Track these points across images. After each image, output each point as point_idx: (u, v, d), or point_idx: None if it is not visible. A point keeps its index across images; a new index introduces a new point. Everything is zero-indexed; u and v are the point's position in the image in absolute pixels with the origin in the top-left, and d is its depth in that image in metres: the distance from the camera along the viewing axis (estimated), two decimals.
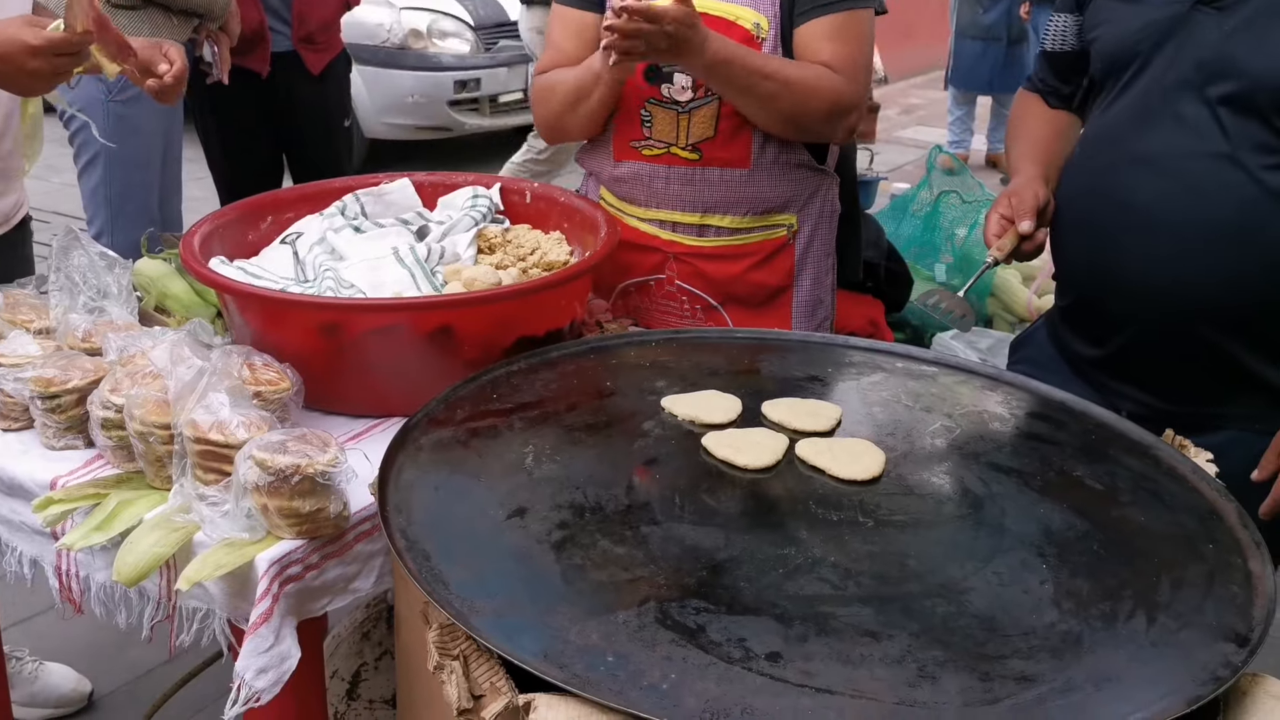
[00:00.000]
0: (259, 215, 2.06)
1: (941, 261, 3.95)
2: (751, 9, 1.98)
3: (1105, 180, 1.80)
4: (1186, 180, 1.72)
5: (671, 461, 1.47)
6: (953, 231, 4.06)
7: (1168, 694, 1.10)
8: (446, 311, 1.70)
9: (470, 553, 1.28)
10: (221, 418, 1.47)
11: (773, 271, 2.14)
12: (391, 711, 2.11)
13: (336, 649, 2.08)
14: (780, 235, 2.12)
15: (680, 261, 2.12)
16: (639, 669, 1.10)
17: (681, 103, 2.02)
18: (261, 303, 1.72)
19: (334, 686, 2.06)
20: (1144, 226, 1.74)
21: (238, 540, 1.42)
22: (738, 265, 2.12)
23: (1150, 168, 1.74)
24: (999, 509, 1.40)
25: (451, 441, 1.51)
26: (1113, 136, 1.81)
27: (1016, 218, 1.83)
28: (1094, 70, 1.89)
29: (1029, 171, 1.92)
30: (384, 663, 2.11)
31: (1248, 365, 1.76)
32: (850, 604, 1.21)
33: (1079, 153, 1.92)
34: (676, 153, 2.06)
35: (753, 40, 1.98)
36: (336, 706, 2.10)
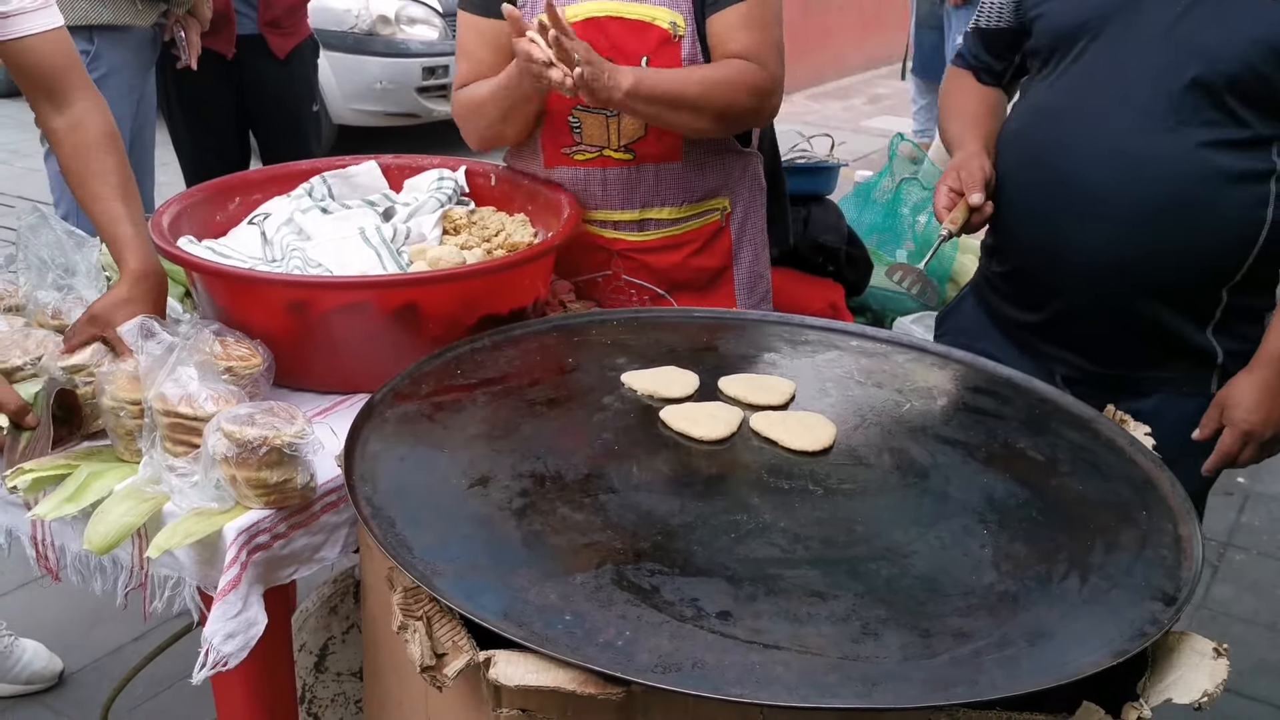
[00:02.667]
0: (227, 196, 2.09)
1: (903, 248, 4.00)
2: (668, 8, 1.98)
3: (1052, 153, 1.84)
4: (1134, 155, 1.75)
5: (630, 434, 1.52)
6: (914, 219, 4.12)
7: (1097, 649, 1.16)
8: (412, 289, 1.73)
9: (434, 519, 1.33)
10: (190, 391, 1.51)
11: (712, 254, 2.20)
12: (359, 683, 2.15)
13: (304, 623, 2.12)
14: (715, 219, 2.17)
15: (624, 257, 2.16)
16: (595, 627, 1.15)
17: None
18: (230, 280, 1.75)
19: (302, 659, 2.10)
20: (1090, 200, 1.79)
21: (207, 510, 1.45)
22: (679, 254, 2.17)
23: (1098, 142, 1.78)
24: (944, 478, 1.46)
25: (416, 415, 1.55)
26: (1058, 110, 1.84)
27: (966, 190, 1.86)
28: (1037, 45, 1.92)
29: (971, 146, 1.96)
30: (351, 636, 2.15)
31: (1181, 332, 1.84)
32: (798, 566, 1.26)
33: (1019, 126, 1.95)
34: (610, 155, 2.07)
35: (670, 40, 1.98)
36: (305, 679, 2.14)
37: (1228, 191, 1.73)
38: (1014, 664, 1.13)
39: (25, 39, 1.73)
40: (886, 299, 3.74)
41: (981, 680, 1.10)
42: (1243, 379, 1.79)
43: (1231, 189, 1.73)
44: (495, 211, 2.12)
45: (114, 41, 3.16)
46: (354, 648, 2.13)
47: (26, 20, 1.73)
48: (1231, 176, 1.72)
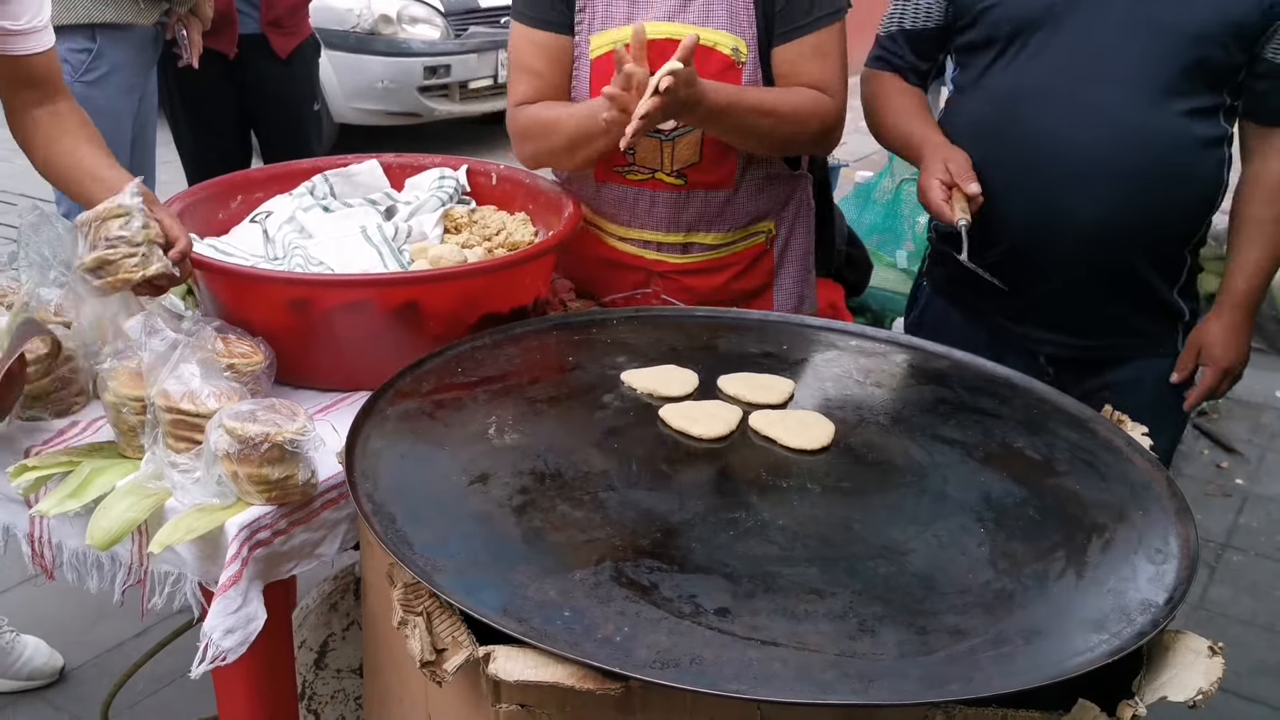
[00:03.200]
0: (229, 194, 2.10)
1: (903, 249, 4.02)
2: (730, 33, 1.95)
3: (1043, 133, 1.88)
4: (1126, 127, 1.85)
5: (629, 432, 1.53)
6: (914, 219, 4.14)
7: (1094, 647, 1.17)
8: (413, 288, 1.74)
9: (434, 516, 1.33)
10: (193, 388, 1.51)
11: (753, 277, 2.17)
12: (358, 680, 2.16)
13: (304, 620, 2.13)
14: (759, 242, 2.15)
15: (665, 278, 2.13)
16: (594, 623, 1.16)
17: (665, 131, 1.98)
18: (232, 278, 1.76)
19: (302, 656, 2.11)
20: (1087, 173, 1.86)
21: (208, 506, 1.46)
22: (721, 276, 2.14)
23: (1090, 117, 1.85)
24: (941, 477, 1.46)
25: (417, 412, 1.56)
26: (1039, 91, 1.88)
27: (962, 181, 1.86)
28: (989, 34, 1.93)
29: (937, 138, 1.97)
30: (351, 633, 2.15)
31: (1158, 294, 1.98)
32: (796, 564, 1.27)
33: (991, 111, 1.95)
34: (661, 178, 2.03)
35: (733, 66, 1.95)
36: (305, 675, 2.15)
37: (1202, 156, 1.89)
38: (1010, 661, 1.14)
39: (28, 56, 1.78)
40: (886, 299, 3.75)
41: (977, 677, 1.11)
42: (1213, 323, 2.01)
43: (1203, 154, 1.89)
44: (496, 211, 2.12)
45: (116, 40, 3.16)
46: (354, 645, 2.14)
47: (35, 38, 1.78)
48: (1203, 142, 1.88)
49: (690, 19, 1.94)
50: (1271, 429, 4.14)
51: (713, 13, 1.95)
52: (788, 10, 1.95)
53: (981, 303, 2.05)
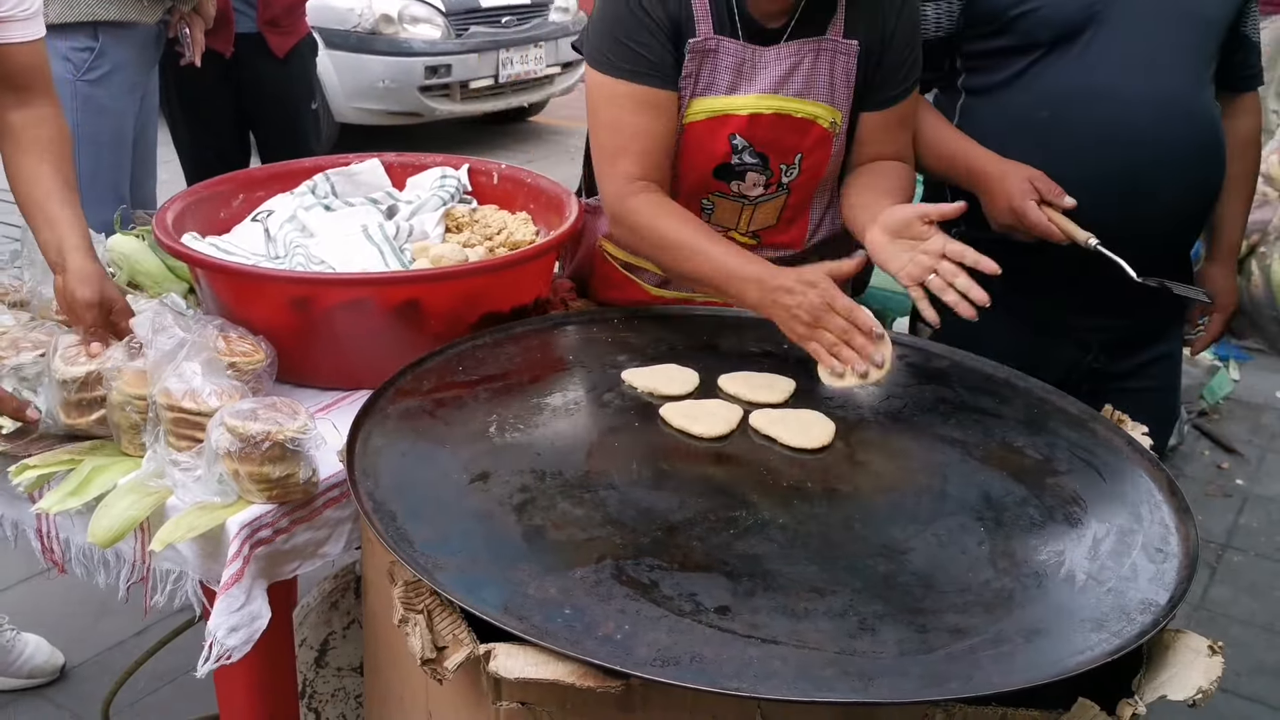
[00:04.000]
0: (231, 193, 2.10)
1: None
2: (830, 105, 1.88)
3: (1116, 128, 1.89)
4: (1190, 112, 1.93)
5: (630, 431, 1.53)
6: None
7: (1094, 645, 1.17)
8: (414, 286, 1.74)
9: (435, 514, 1.34)
10: (194, 386, 1.52)
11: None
12: (360, 678, 2.16)
13: (305, 618, 2.13)
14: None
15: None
16: (594, 621, 1.16)
17: (750, 197, 1.93)
18: (234, 277, 1.76)
19: (303, 654, 2.11)
20: (1165, 161, 1.90)
21: (210, 504, 1.46)
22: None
23: (1156, 107, 1.89)
24: (942, 476, 1.47)
25: (418, 411, 1.56)
26: (1102, 88, 1.89)
27: (1055, 197, 1.84)
28: (1028, 39, 1.92)
29: (994, 155, 1.92)
30: (352, 631, 2.15)
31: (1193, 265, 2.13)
32: (796, 562, 1.27)
33: (1041, 115, 1.93)
34: (735, 237, 1.96)
35: (828, 137, 1.90)
36: (305, 674, 2.15)
37: (1221, 132, 2.01)
38: (1009, 660, 1.14)
39: (9, 46, 1.76)
40: (887, 299, 3.75)
41: (977, 676, 1.11)
42: (1214, 269, 2.20)
43: (1221, 129, 2.01)
44: (497, 210, 2.13)
45: (118, 38, 3.16)
46: (354, 643, 2.14)
47: (17, 28, 1.76)
48: (1219, 118, 2.01)
49: (793, 91, 1.85)
50: (1271, 429, 4.14)
51: (815, 84, 1.87)
52: (883, 81, 1.90)
53: (1031, 301, 2.00)
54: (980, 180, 1.93)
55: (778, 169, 1.90)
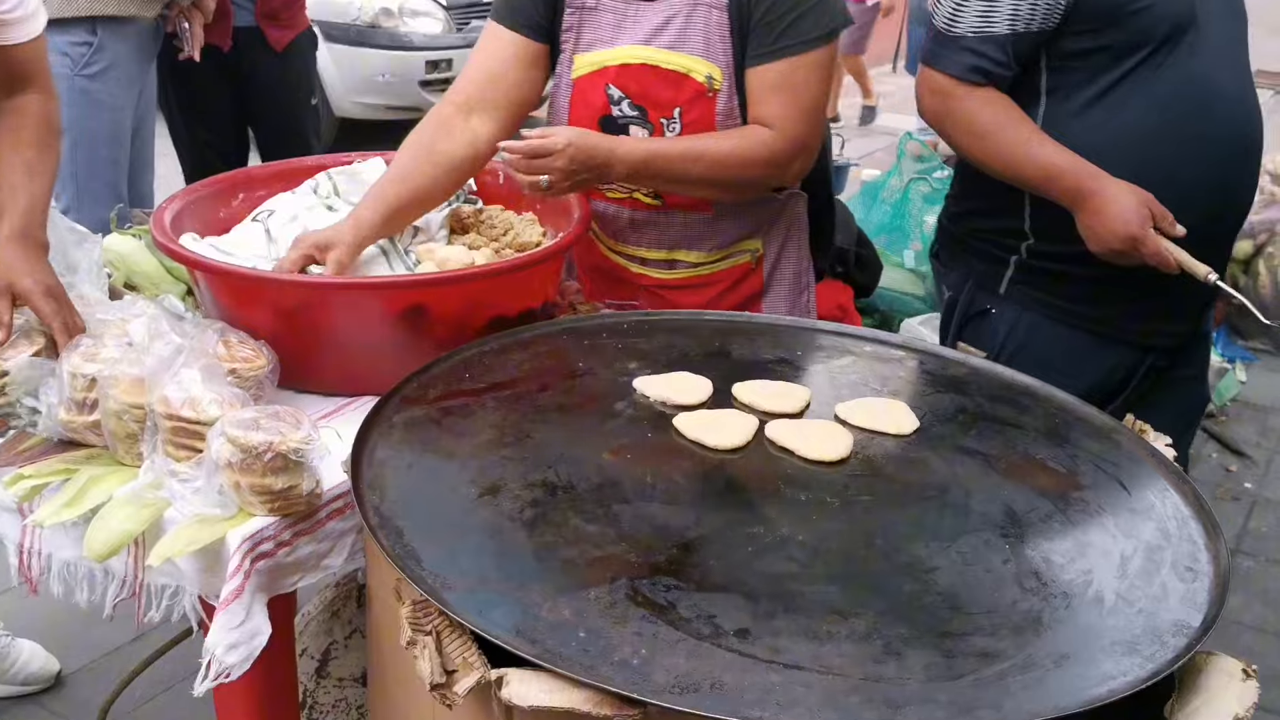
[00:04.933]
0: (230, 192, 2.06)
1: (910, 248, 3.98)
2: (704, 59, 1.89)
3: (1229, 127, 1.89)
4: (1256, 109, 1.94)
5: (643, 442, 1.49)
6: (922, 219, 4.10)
7: (1125, 671, 1.13)
8: (419, 291, 1.70)
9: (443, 530, 1.29)
10: (194, 394, 1.47)
11: (739, 294, 2.13)
12: (362, 689, 2.12)
13: (306, 627, 2.09)
14: (745, 261, 2.11)
15: (650, 293, 2.10)
16: (610, 644, 1.12)
17: None
18: (234, 280, 1.72)
19: (304, 664, 2.07)
20: (1251, 160, 1.95)
21: (209, 517, 1.42)
22: (705, 294, 2.10)
23: (1240, 105, 1.91)
24: (964, 490, 1.42)
25: (424, 420, 1.51)
26: (1217, 89, 1.87)
27: (1168, 224, 1.79)
28: (1140, 36, 1.82)
29: (1098, 170, 1.82)
30: (354, 641, 2.11)
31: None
32: (817, 582, 1.23)
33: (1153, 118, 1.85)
34: (639, 198, 2.02)
35: (705, 94, 1.91)
36: (306, 684, 2.11)
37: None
38: (1040, 686, 1.10)
39: (8, 46, 1.73)
40: (894, 300, 3.72)
41: (1007, 704, 1.07)
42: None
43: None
44: (503, 210, 2.08)
45: (116, 33, 3.12)
46: (356, 653, 2.10)
47: (14, 29, 1.73)
48: None
49: (664, 43, 1.88)
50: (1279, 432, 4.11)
51: (688, 38, 1.88)
52: (756, 35, 1.87)
53: (1098, 309, 1.97)
54: (1085, 199, 1.82)
55: (658, 123, 1.93)
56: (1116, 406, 1.97)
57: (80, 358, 1.55)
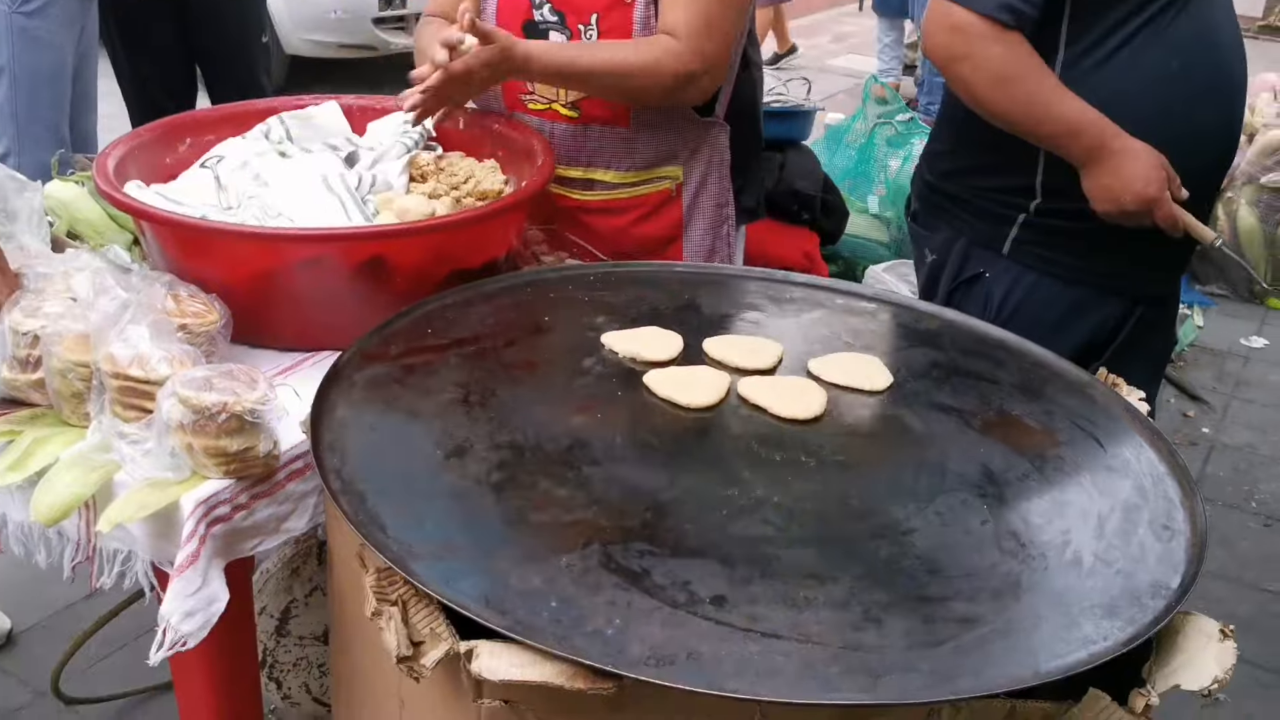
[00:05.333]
0: (177, 137, 1.97)
1: (875, 194, 3.94)
2: None
3: (1231, 71, 1.86)
4: (1242, 53, 1.89)
5: (613, 400, 1.44)
6: (885, 162, 4.05)
7: (1105, 634, 1.11)
8: (379, 242, 1.64)
9: (407, 494, 1.25)
10: (142, 351, 1.41)
11: (658, 224, 2.09)
12: (323, 647, 2.09)
13: (265, 585, 2.05)
14: (665, 188, 2.07)
15: (567, 216, 2.07)
16: (582, 614, 1.08)
17: None
18: (183, 231, 1.64)
19: (263, 623, 2.03)
20: (1240, 100, 1.90)
21: (161, 480, 1.36)
22: (623, 219, 2.07)
23: (1237, 51, 1.87)
24: (940, 449, 1.40)
25: (386, 378, 1.46)
26: (1223, 34, 1.84)
27: (1176, 188, 1.77)
28: None
29: (1114, 128, 1.76)
30: (314, 599, 2.08)
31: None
32: (794, 545, 1.20)
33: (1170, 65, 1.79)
34: (557, 109, 2.00)
35: (622, 2, 1.90)
36: (266, 643, 2.07)
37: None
38: (1020, 651, 1.08)
39: None
40: (858, 247, 3.69)
41: (987, 671, 1.05)
42: None
43: None
44: (464, 157, 2.01)
45: None
46: (317, 611, 2.06)
47: None
48: None
49: None
50: (1236, 376, 4.14)
51: None
52: None
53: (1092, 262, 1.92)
54: (1105, 157, 1.75)
55: (576, 29, 1.93)
56: (1107, 358, 1.92)
57: (21, 313, 1.48)
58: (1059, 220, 1.92)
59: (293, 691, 2.11)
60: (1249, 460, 3.59)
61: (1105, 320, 1.96)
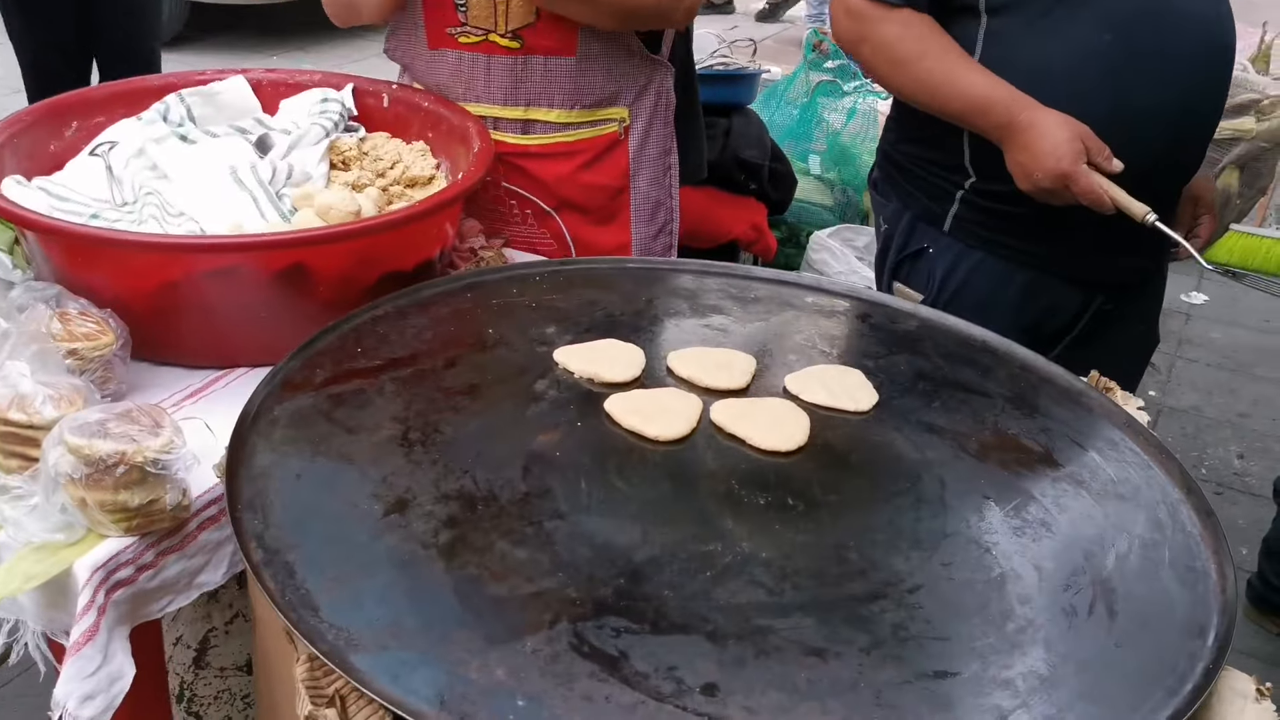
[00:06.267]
0: (62, 120, 1.74)
1: (814, 151, 3.79)
2: None
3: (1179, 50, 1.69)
4: (1222, 13, 1.75)
5: (572, 434, 1.28)
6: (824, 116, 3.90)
7: (1147, 711, 0.99)
8: (298, 250, 1.44)
9: (344, 562, 1.08)
10: (23, 391, 1.21)
11: (606, 171, 1.97)
12: (246, 677, 1.91)
13: (180, 612, 1.86)
14: (612, 130, 1.95)
15: (505, 163, 1.93)
16: (555, 715, 0.93)
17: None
18: (72, 241, 1.43)
19: (179, 654, 1.85)
20: (1210, 74, 1.74)
21: (50, 543, 1.18)
22: (567, 164, 1.94)
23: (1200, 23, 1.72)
24: (938, 481, 1.26)
25: (312, 412, 1.28)
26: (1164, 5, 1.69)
27: (1103, 159, 1.61)
28: None
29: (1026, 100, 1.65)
30: (235, 625, 1.89)
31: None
32: (790, 613, 1.06)
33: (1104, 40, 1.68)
34: (495, 40, 1.85)
35: None
36: (183, 676, 1.89)
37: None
38: None
39: None
40: (802, 211, 3.54)
41: None
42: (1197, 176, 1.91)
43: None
44: (390, 138, 1.82)
45: None
46: (239, 639, 1.88)
47: None
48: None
49: None
50: (1179, 335, 4.10)
51: None
52: None
53: (1043, 248, 1.81)
54: (1015, 133, 1.64)
55: None
56: (1065, 347, 1.86)
57: None
58: (996, 201, 1.81)
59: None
60: (1196, 424, 3.55)
61: (1058, 307, 1.86)
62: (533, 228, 1.99)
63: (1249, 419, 3.58)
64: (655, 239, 2.05)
